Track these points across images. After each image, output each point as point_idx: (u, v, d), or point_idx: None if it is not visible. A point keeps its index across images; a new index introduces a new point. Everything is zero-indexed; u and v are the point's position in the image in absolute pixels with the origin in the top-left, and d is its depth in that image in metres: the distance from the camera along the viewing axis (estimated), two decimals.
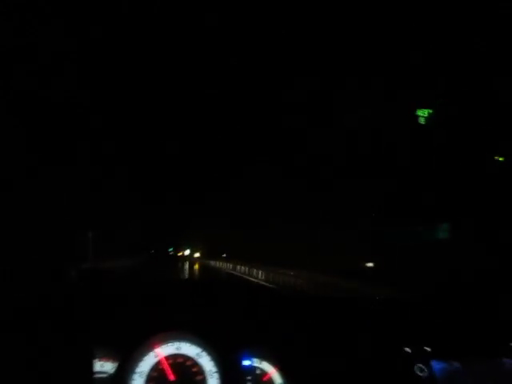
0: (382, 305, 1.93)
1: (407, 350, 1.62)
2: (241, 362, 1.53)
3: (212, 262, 36.08)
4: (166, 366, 1.48)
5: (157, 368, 1.49)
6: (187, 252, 53.02)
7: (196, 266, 31.54)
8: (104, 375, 1.45)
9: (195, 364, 1.53)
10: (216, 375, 1.51)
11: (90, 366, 1.38)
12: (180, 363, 1.52)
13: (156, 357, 1.49)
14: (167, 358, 1.51)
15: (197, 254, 49.83)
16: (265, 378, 1.57)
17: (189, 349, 1.54)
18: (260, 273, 17.96)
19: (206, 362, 1.53)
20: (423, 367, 1.58)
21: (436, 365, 1.60)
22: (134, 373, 1.46)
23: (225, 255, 34.78)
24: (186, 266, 30.02)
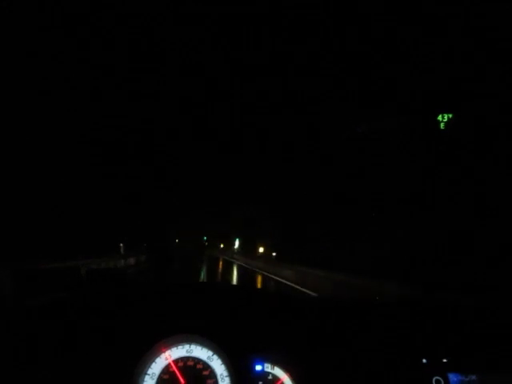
0: (399, 312, 1.88)
1: (424, 361, 1.57)
2: (253, 367, 1.51)
3: None
4: (176, 369, 1.48)
5: (168, 370, 1.48)
6: (236, 244, 30.94)
7: None
8: None
9: (206, 367, 1.52)
10: (227, 379, 1.49)
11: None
12: (191, 366, 1.51)
13: (167, 359, 1.49)
14: (178, 360, 1.50)
15: (260, 250, 24.58)
16: None
17: (200, 352, 1.53)
18: None
19: (218, 366, 1.51)
20: (440, 379, 1.54)
21: (453, 377, 1.55)
22: (145, 374, 1.45)
23: None
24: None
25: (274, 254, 20.39)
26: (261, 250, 24.11)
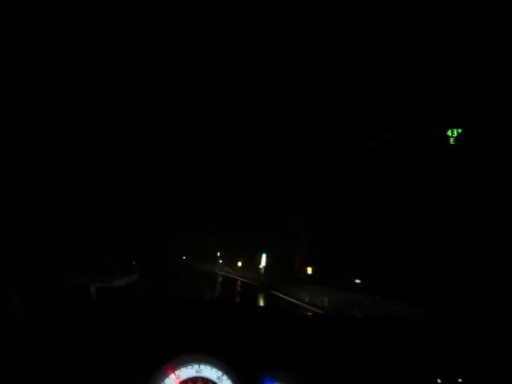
0: (414, 330, 1.84)
1: (439, 381, 1.53)
2: None
3: None
4: None
5: None
6: (263, 262, 20.38)
7: None
8: None
9: None
10: None
11: None
12: None
13: (175, 380, 1.47)
14: (187, 380, 1.48)
15: (309, 270, 14.97)
16: None
17: (210, 372, 1.51)
18: None
19: None
20: None
21: None
22: None
23: None
24: None
25: (357, 280, 11.48)
26: (309, 270, 16.48)
